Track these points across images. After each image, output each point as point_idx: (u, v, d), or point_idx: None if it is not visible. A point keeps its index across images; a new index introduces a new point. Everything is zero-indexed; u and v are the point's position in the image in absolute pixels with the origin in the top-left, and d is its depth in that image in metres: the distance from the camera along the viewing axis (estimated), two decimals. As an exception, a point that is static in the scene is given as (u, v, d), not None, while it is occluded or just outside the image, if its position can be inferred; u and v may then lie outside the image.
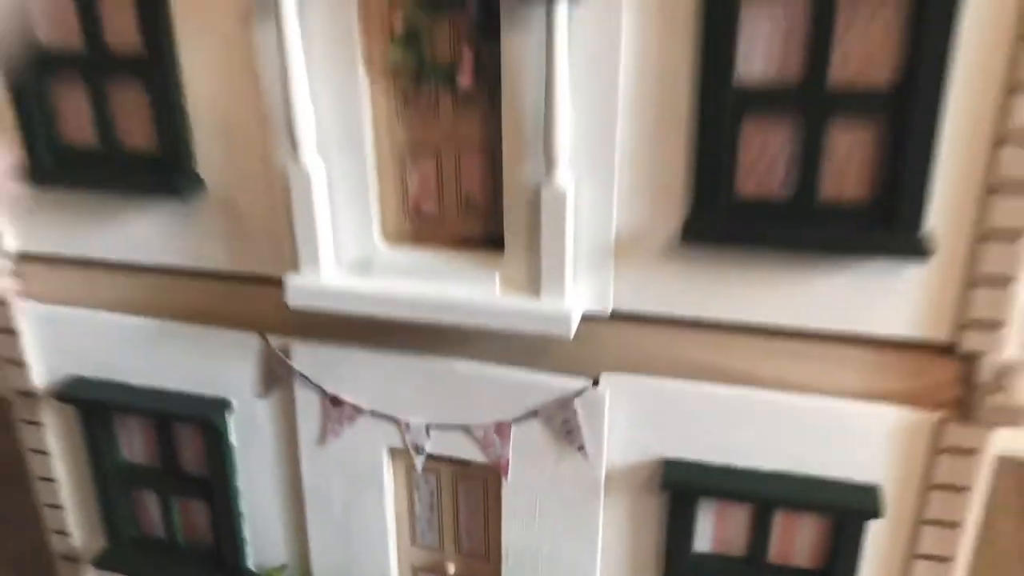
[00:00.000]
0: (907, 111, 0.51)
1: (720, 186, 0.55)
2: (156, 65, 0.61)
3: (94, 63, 0.62)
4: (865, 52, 0.51)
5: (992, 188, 0.52)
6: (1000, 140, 0.51)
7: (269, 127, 0.60)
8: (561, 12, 0.51)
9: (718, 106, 0.53)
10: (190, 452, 0.75)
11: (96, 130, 0.64)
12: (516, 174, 0.57)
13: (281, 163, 0.60)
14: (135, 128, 0.64)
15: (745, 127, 0.54)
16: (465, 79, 0.57)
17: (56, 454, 0.79)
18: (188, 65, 0.61)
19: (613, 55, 0.53)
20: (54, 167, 0.66)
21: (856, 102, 0.52)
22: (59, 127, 0.66)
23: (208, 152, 0.63)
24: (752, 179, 0.55)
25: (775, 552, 0.65)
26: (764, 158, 0.55)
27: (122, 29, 0.61)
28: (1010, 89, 0.50)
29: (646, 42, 0.53)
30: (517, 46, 0.54)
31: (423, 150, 0.60)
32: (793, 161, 0.54)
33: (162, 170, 0.63)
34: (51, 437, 0.78)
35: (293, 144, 0.58)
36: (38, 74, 0.64)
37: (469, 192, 0.61)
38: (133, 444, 0.77)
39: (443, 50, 0.57)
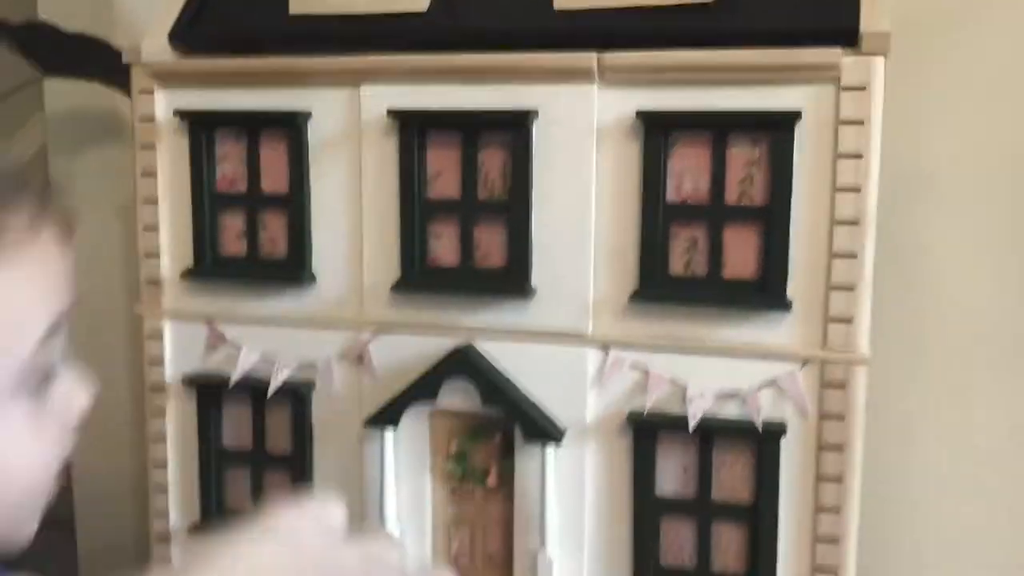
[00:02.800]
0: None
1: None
2: (299, 461, 0.96)
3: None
4: (731, 481, 0.85)
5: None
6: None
7: (364, 506, 0.94)
8: (550, 452, 0.87)
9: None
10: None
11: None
12: (522, 543, 0.90)
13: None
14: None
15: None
16: (492, 481, 0.92)
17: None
18: (319, 461, 0.96)
19: (581, 475, 0.88)
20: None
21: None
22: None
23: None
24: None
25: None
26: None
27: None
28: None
29: (601, 472, 0.88)
30: (524, 464, 0.89)
31: (462, 523, 0.93)
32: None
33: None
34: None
35: (382, 518, 0.91)
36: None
37: (491, 552, 0.93)
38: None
39: (479, 462, 0.92)
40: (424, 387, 0.88)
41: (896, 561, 1.15)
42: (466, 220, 0.88)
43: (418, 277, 0.89)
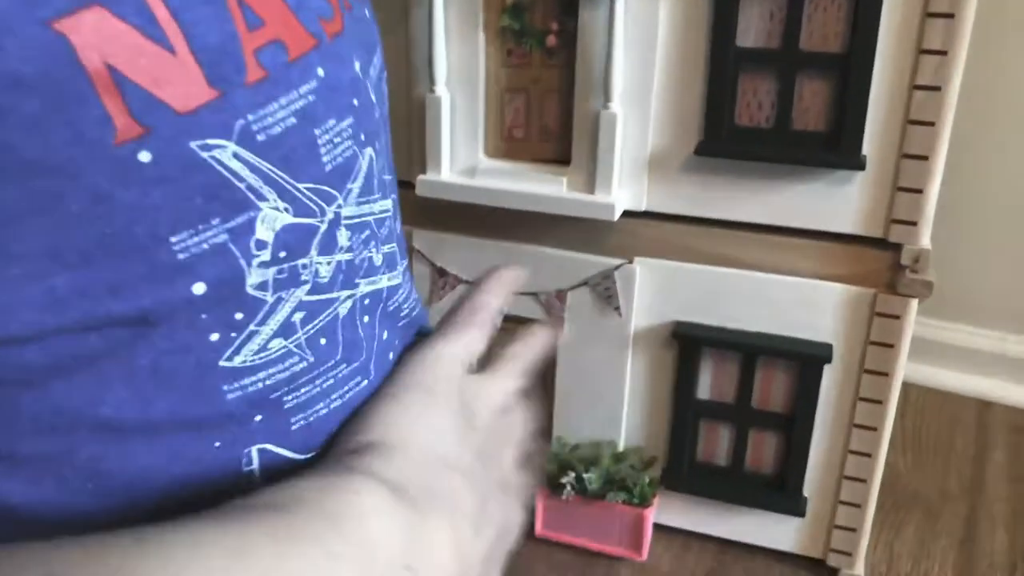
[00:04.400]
0: (850, 69, 0.75)
1: (724, 118, 0.79)
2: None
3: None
4: (823, 29, 0.76)
5: (907, 123, 0.76)
6: (912, 89, 0.75)
7: (413, 69, 0.87)
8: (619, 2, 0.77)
9: (723, 63, 0.78)
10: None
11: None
12: (583, 108, 0.83)
13: (420, 95, 0.86)
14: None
15: (741, 78, 0.79)
16: (552, 41, 0.83)
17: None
18: (359, 26, 0.88)
19: (653, 25, 0.78)
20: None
21: (817, 62, 0.76)
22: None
23: (368, 87, 0.90)
24: (746, 114, 0.80)
25: (757, 399, 0.88)
26: (754, 99, 0.79)
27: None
28: (919, 53, 0.74)
29: (675, 18, 0.78)
30: (589, 19, 0.80)
31: (518, 90, 0.86)
32: (774, 102, 0.79)
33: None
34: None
35: (431, 80, 0.84)
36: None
37: (547, 123, 0.87)
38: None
39: (538, 19, 0.83)
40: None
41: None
42: None
43: None
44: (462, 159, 0.88)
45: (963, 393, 1.26)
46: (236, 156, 0.31)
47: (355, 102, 0.38)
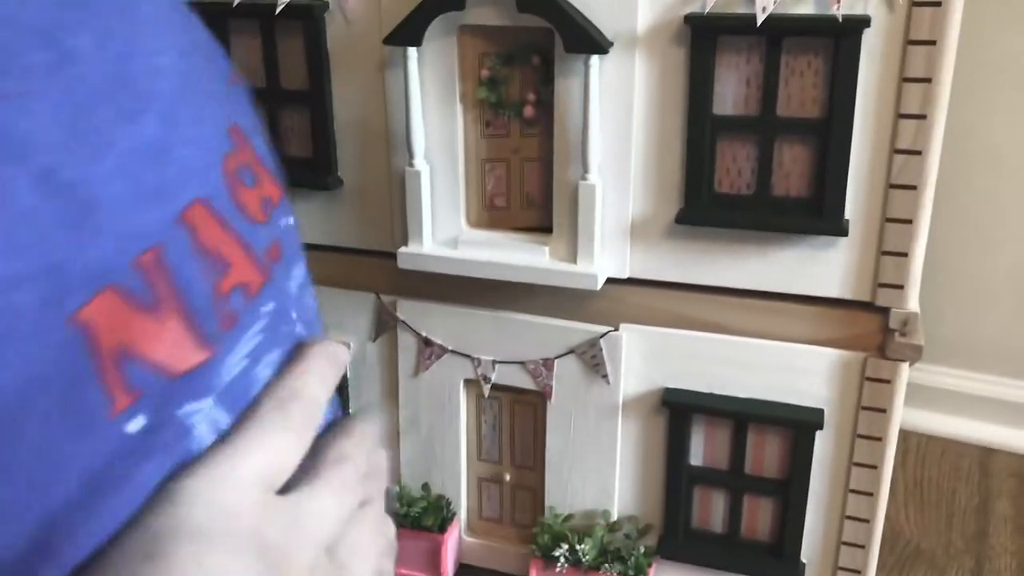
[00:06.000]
0: (829, 134, 0.74)
1: (703, 185, 0.79)
2: (317, 97, 0.88)
3: (271, 96, 0.90)
4: (800, 96, 0.75)
5: (889, 187, 0.75)
6: (892, 153, 0.74)
7: (391, 142, 0.86)
8: (594, 65, 0.76)
9: (701, 130, 0.77)
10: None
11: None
12: (563, 177, 0.82)
13: (399, 167, 0.86)
14: (298, 142, 0.91)
15: (720, 144, 0.78)
16: (529, 111, 0.83)
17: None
18: (338, 97, 0.88)
19: (629, 95, 0.78)
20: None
21: (796, 128, 0.76)
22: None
23: (347, 159, 0.89)
24: (726, 181, 0.79)
25: (750, 465, 0.87)
26: (734, 165, 0.79)
27: (292, 71, 0.88)
28: (897, 117, 0.73)
29: (651, 87, 0.78)
30: (564, 89, 0.79)
31: (498, 161, 0.86)
32: (754, 168, 0.78)
33: (315, 171, 0.90)
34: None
35: (409, 153, 0.84)
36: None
37: (529, 191, 0.86)
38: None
39: (515, 91, 0.83)
40: (449, -5, 0.77)
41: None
42: None
43: None
44: (444, 229, 0.87)
45: (964, 440, 1.24)
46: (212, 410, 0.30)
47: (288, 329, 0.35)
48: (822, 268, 0.79)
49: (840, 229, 0.76)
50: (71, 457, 0.26)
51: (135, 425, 0.27)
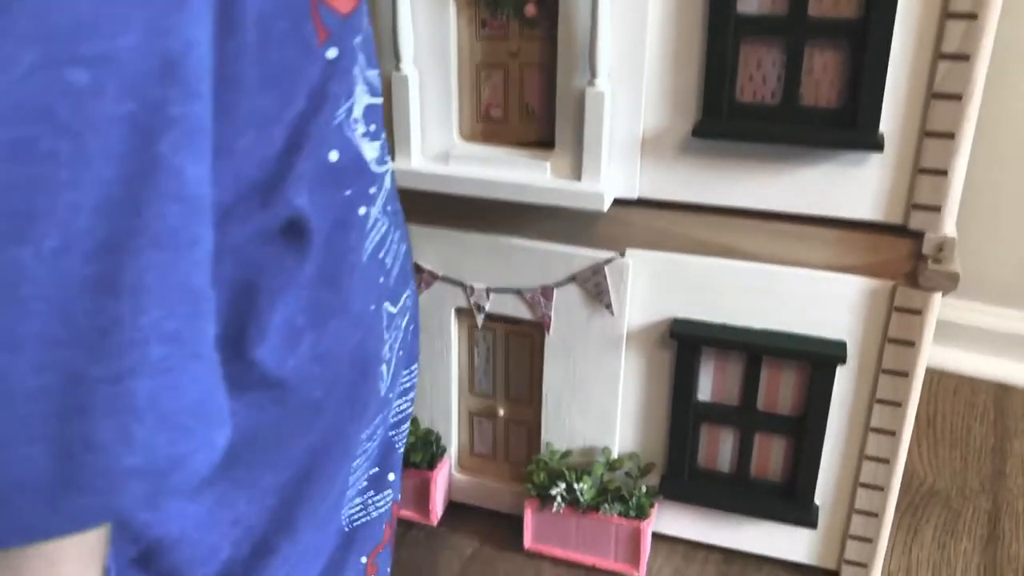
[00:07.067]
0: (866, 37, 0.66)
1: (724, 94, 0.71)
2: None
3: None
4: (836, -11, 0.67)
5: (931, 97, 0.67)
6: (937, 59, 0.66)
7: (379, 44, 0.78)
8: (605, -46, 0.68)
9: (723, 31, 0.69)
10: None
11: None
12: (567, 84, 0.74)
13: (384, 72, 0.78)
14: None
15: (743, 48, 0.70)
16: (530, 10, 0.74)
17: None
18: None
19: (643, -11, 0.70)
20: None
21: (828, 29, 0.68)
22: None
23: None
24: (749, 89, 0.71)
25: (763, 401, 0.81)
26: (758, 72, 0.71)
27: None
28: (944, 16, 0.65)
29: (669, -20, 0.69)
30: (571, -17, 0.71)
31: (494, 66, 0.77)
32: (780, 75, 0.70)
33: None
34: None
35: (397, 57, 0.76)
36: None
37: (528, 101, 0.78)
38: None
39: (514, -14, 0.74)
40: None
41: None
42: None
43: None
44: (434, 144, 0.79)
45: (980, 377, 1.19)
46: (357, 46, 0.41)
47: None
48: (851, 187, 0.71)
49: (874, 143, 0.68)
50: (301, 71, 0.37)
51: (331, 53, 0.39)
